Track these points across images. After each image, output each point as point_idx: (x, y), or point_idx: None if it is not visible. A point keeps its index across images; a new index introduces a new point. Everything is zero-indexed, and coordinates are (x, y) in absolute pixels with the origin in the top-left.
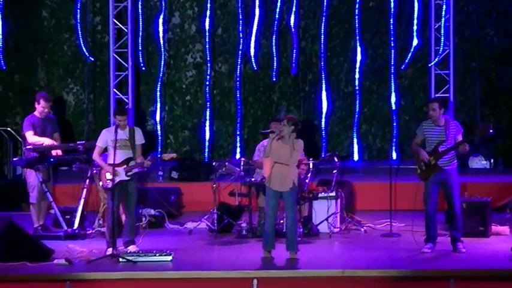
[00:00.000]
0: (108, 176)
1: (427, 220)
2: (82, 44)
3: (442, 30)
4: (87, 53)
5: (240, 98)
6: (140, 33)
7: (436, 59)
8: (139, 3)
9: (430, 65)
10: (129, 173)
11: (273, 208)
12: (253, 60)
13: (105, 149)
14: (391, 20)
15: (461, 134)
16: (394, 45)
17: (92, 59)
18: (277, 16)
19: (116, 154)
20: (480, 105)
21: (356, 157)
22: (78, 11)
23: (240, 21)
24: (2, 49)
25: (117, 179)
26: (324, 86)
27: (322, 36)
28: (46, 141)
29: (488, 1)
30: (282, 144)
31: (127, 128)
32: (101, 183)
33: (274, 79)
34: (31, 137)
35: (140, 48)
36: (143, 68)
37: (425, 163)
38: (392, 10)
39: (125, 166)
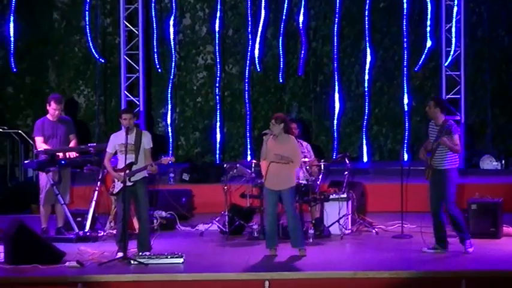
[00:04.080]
0: (116, 181)
1: (432, 221)
2: (92, 46)
3: (454, 31)
4: (97, 55)
5: (249, 100)
6: (155, 36)
7: (449, 60)
8: (153, 4)
9: (444, 65)
10: (133, 178)
11: (273, 206)
12: (257, 62)
13: (116, 153)
14: (404, 21)
15: (457, 134)
16: (406, 46)
17: (103, 61)
18: (284, 17)
19: (120, 159)
20: (491, 105)
21: (365, 158)
22: (87, 12)
23: (249, 23)
24: (14, 52)
25: (121, 186)
26: (336, 87)
27: (335, 37)
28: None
29: (499, 1)
30: (275, 144)
31: (134, 132)
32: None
33: (281, 80)
34: (40, 143)
35: (155, 50)
36: (159, 70)
37: (426, 162)
38: (405, 11)
39: (127, 171)
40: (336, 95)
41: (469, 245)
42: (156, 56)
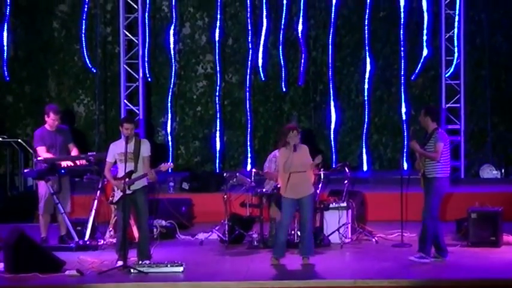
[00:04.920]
0: (115, 189)
1: None
2: (86, 56)
3: (455, 40)
4: (92, 65)
5: (250, 109)
6: (147, 45)
7: (451, 70)
8: (146, 14)
9: (446, 75)
10: (133, 187)
11: (290, 217)
12: (261, 71)
13: (115, 162)
14: (401, 30)
15: (444, 143)
16: (404, 55)
17: (94, 71)
18: (282, 26)
19: (120, 168)
20: (490, 113)
21: (365, 167)
22: (84, 21)
23: (250, 32)
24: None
25: (120, 194)
26: (331, 96)
27: (331, 46)
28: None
29: (499, 8)
30: (294, 153)
31: (133, 140)
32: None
33: (284, 89)
34: (43, 153)
35: (147, 59)
36: (149, 79)
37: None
38: (402, 20)
39: (127, 179)
40: (332, 104)
41: (419, 257)
42: (147, 66)
